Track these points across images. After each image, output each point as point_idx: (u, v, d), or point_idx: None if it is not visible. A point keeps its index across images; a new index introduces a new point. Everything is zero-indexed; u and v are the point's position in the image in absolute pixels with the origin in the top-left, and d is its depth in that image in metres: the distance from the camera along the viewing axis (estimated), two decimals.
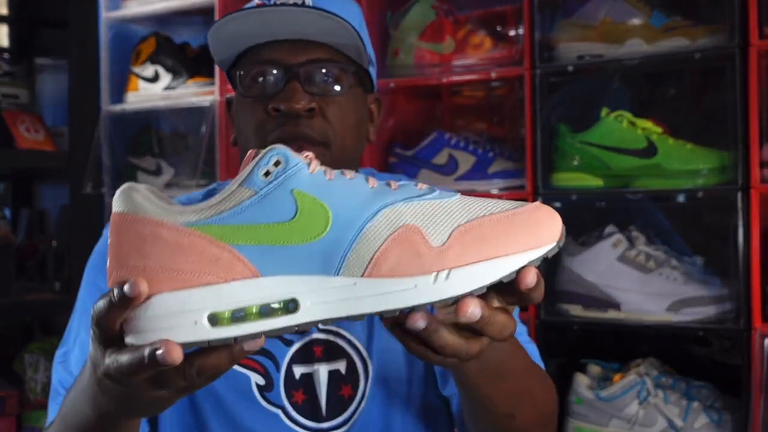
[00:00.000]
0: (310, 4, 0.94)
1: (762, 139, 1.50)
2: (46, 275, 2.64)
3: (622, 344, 1.75)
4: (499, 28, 1.87)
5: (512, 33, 1.84)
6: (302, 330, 0.60)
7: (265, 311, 0.59)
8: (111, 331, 0.61)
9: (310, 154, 0.63)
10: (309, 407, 0.98)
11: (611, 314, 1.62)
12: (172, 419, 1.00)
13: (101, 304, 0.60)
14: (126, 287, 0.58)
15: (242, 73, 0.97)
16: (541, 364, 0.98)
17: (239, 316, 0.59)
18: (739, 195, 1.50)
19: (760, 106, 1.49)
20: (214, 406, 0.99)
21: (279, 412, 0.98)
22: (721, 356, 1.69)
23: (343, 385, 0.99)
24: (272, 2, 0.95)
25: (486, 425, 0.89)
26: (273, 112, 0.94)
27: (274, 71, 0.95)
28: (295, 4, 0.93)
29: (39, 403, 2.38)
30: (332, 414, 0.98)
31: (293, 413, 0.98)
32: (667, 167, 1.58)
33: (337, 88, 0.96)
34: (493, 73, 1.77)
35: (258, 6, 0.94)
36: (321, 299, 0.59)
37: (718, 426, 1.52)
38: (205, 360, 0.59)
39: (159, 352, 0.57)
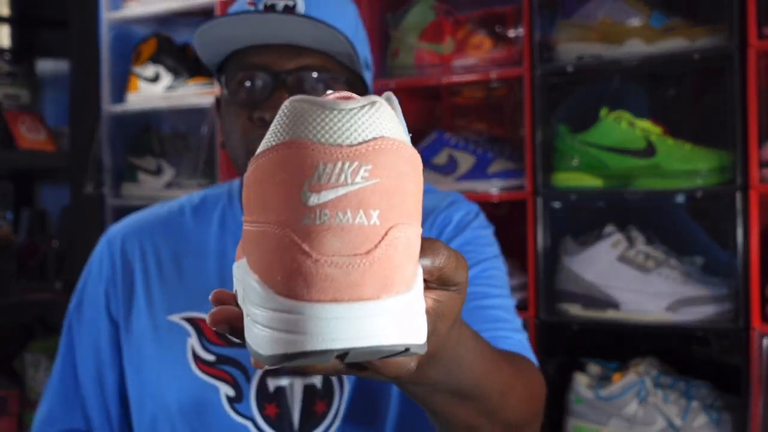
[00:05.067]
0: (302, 11, 0.91)
1: (761, 139, 1.50)
2: (46, 275, 2.65)
3: (622, 344, 1.75)
4: (498, 29, 1.87)
5: (512, 33, 1.84)
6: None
7: None
8: None
9: None
10: (281, 421, 0.96)
11: (610, 314, 1.63)
12: None
13: None
14: None
15: (228, 76, 0.95)
16: (530, 355, 0.89)
17: None
18: (739, 195, 1.50)
19: (759, 106, 1.49)
20: (170, 428, 0.97)
21: (249, 423, 0.96)
22: (720, 356, 1.69)
23: (317, 401, 0.97)
24: (261, 8, 0.92)
25: None
26: (258, 122, 0.91)
27: (262, 77, 0.92)
28: (286, 7, 0.91)
29: None
30: (304, 429, 0.96)
31: (264, 426, 0.96)
32: (667, 167, 1.58)
33: None
34: (493, 73, 1.77)
35: (247, 12, 0.91)
36: None
37: (717, 425, 1.53)
38: None
39: None
